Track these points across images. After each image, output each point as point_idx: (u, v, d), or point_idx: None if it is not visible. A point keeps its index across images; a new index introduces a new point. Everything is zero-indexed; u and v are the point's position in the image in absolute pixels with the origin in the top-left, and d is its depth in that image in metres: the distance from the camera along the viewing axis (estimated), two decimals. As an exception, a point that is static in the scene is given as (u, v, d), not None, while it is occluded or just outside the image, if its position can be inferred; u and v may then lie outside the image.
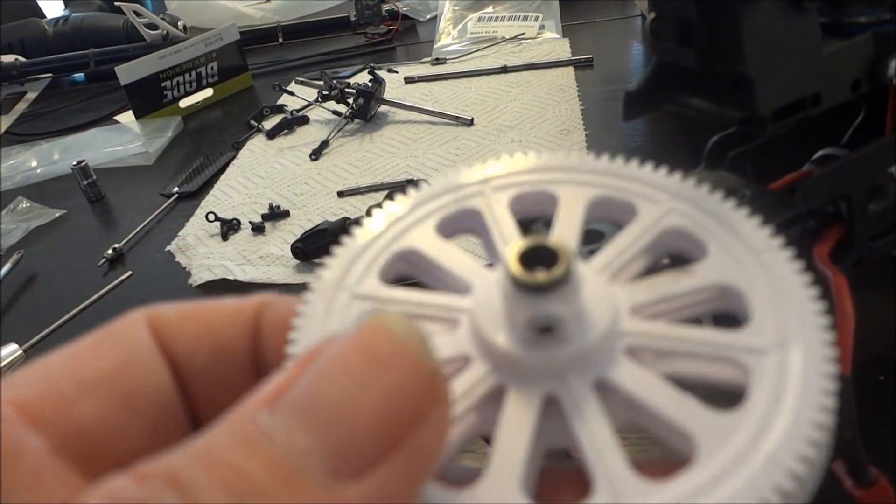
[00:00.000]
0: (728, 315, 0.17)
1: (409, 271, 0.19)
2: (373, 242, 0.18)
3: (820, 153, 0.35)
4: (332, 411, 0.11)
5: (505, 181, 0.20)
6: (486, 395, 0.15)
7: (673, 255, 0.18)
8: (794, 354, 0.15)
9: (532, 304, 0.15)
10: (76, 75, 1.21)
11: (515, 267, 0.15)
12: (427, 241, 0.18)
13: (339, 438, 0.11)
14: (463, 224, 0.19)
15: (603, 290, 0.16)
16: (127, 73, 0.93)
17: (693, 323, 0.16)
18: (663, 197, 0.18)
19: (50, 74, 1.19)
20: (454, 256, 0.18)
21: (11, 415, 0.13)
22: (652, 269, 0.18)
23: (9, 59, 1.15)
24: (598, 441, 0.14)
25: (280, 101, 0.93)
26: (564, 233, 0.18)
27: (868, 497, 0.29)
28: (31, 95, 1.18)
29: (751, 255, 0.16)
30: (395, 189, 0.55)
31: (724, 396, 0.16)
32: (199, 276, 0.61)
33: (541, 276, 0.15)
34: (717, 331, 0.16)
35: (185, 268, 0.63)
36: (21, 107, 1.14)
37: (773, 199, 0.30)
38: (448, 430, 0.13)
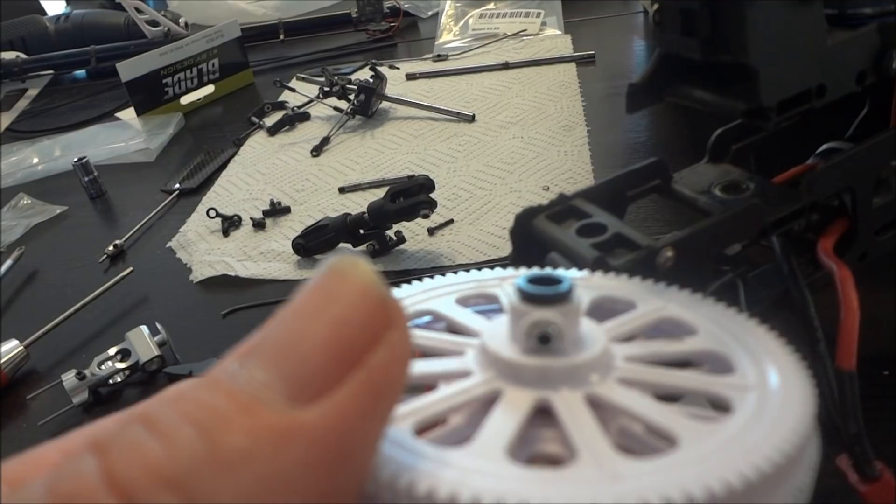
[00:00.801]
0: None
1: (427, 326, 0.20)
2: None
3: (824, 147, 0.35)
4: (286, 345, 0.12)
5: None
6: (483, 396, 0.16)
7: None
8: (773, 385, 0.16)
9: (534, 312, 0.16)
10: (77, 72, 1.21)
11: (524, 282, 0.17)
12: (446, 306, 0.20)
13: (293, 367, 0.12)
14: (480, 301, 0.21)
15: (599, 331, 0.18)
16: (128, 69, 0.92)
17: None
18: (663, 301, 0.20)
19: (51, 71, 1.19)
20: (471, 316, 0.20)
21: None
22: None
23: (10, 56, 1.15)
24: (586, 431, 0.15)
25: (281, 98, 0.93)
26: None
27: (873, 492, 0.28)
28: (33, 92, 1.17)
29: (735, 334, 0.18)
30: (395, 185, 0.55)
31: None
32: (199, 273, 0.60)
33: (545, 288, 0.17)
34: (703, 373, 0.18)
35: (185, 264, 0.63)
36: (22, 104, 1.14)
37: (776, 192, 0.30)
38: (407, 353, 0.13)
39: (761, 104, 0.26)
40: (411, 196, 0.54)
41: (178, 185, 0.77)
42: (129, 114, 0.98)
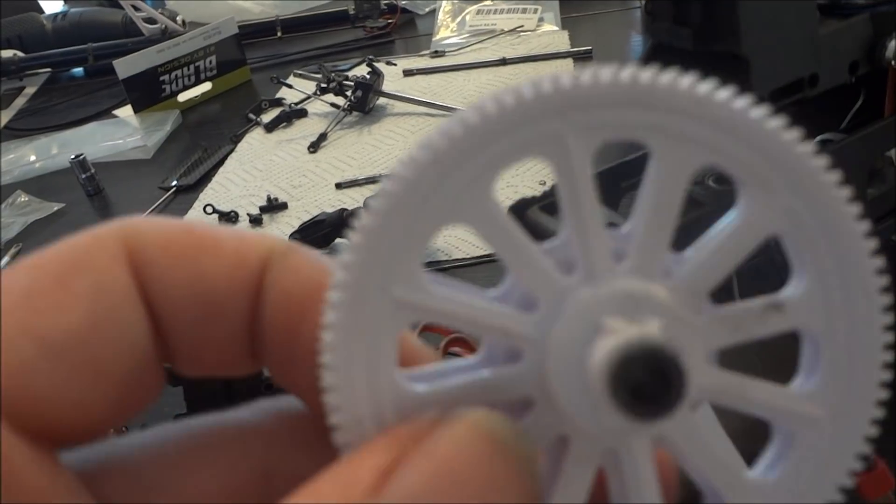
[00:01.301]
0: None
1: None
2: (416, 209, 0.13)
3: (819, 138, 0.35)
4: None
5: (591, 118, 0.14)
6: (549, 443, 0.14)
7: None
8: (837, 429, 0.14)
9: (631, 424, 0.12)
10: (75, 70, 1.21)
11: (614, 383, 0.12)
12: (485, 212, 0.13)
13: None
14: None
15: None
16: (125, 66, 0.92)
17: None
18: (779, 184, 0.14)
19: (49, 69, 1.19)
20: (518, 246, 0.14)
21: None
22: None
23: (7, 54, 1.15)
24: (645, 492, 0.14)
25: (278, 95, 0.93)
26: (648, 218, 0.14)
27: (867, 481, 0.28)
28: (30, 90, 1.17)
29: (844, 293, 0.14)
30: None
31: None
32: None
33: (649, 405, 0.12)
34: (779, 389, 0.15)
35: (183, 260, 0.63)
36: (20, 102, 1.14)
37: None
38: None
39: (754, 94, 0.26)
40: (407, 191, 0.54)
41: (175, 182, 0.77)
42: (126, 111, 0.98)
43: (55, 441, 0.13)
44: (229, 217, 0.66)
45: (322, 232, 0.58)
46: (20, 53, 1.16)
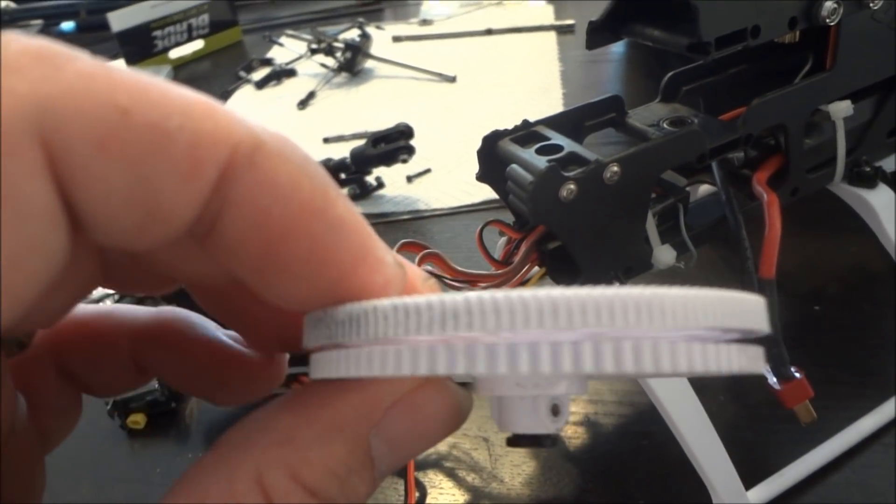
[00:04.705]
0: None
1: None
2: None
3: (769, 94, 0.39)
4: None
5: None
6: None
7: None
8: None
9: None
10: (66, 26, 1.22)
11: None
12: None
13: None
14: None
15: None
16: (119, 19, 0.94)
17: None
18: None
19: (41, 21, 1.20)
20: None
21: None
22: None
23: (-1, 5, 1.16)
24: None
25: (269, 55, 0.95)
26: None
27: (788, 390, 0.32)
28: (21, 43, 1.18)
29: None
30: (378, 137, 0.58)
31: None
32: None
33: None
34: None
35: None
36: (11, 53, 1.15)
37: (717, 125, 0.34)
38: None
39: (701, 39, 0.29)
40: (392, 142, 0.57)
41: (166, 132, 0.79)
42: (118, 65, 0.99)
43: None
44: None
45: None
46: (12, 4, 1.17)
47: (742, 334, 0.13)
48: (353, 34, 0.88)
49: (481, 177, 0.33)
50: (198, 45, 1.02)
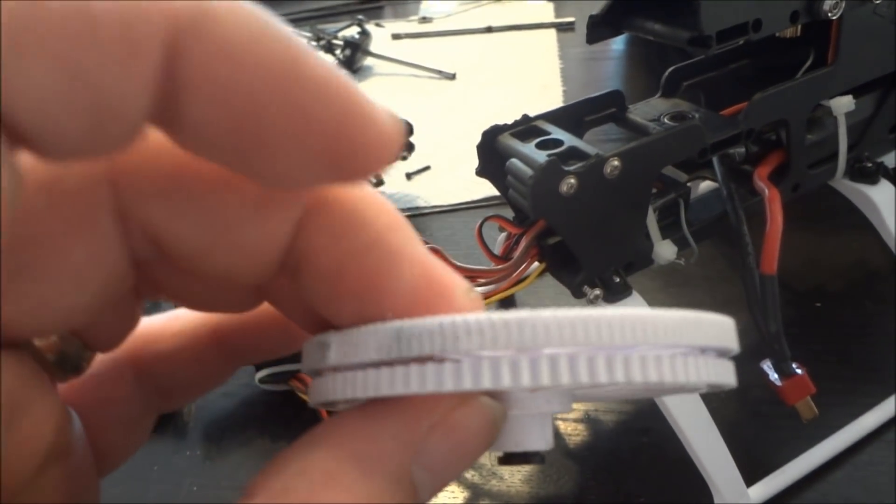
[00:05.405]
0: None
1: None
2: None
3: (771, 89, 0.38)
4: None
5: None
6: None
7: None
8: None
9: None
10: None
11: None
12: None
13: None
14: None
15: None
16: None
17: None
18: None
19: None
20: None
21: None
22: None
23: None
24: None
25: (268, 52, 0.95)
26: None
27: (789, 386, 0.32)
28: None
29: None
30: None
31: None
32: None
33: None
34: None
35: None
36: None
37: (719, 119, 0.33)
38: None
39: (702, 32, 0.29)
40: (391, 138, 0.57)
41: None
42: None
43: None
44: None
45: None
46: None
47: (717, 353, 0.14)
48: (353, 31, 0.87)
49: (481, 171, 0.33)
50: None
